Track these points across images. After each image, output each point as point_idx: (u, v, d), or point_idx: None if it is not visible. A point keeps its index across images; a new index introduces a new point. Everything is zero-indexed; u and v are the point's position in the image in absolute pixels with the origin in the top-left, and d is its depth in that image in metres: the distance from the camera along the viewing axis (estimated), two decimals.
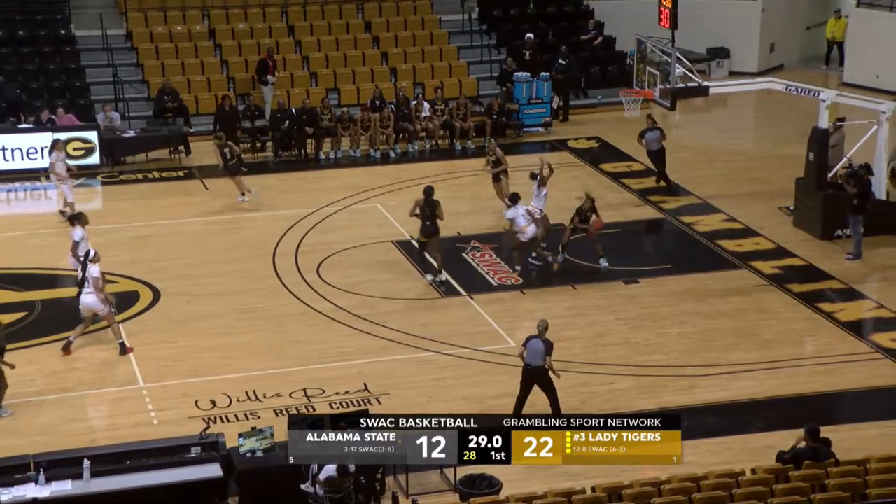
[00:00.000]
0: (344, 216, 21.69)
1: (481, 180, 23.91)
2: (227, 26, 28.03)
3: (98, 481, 12.27)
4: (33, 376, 15.61)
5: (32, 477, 12.22)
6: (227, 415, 14.68)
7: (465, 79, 27.93)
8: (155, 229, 21.03)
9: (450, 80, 27.72)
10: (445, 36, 29.04)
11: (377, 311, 17.63)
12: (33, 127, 23.82)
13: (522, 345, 14.42)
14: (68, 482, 12.20)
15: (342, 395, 15.19)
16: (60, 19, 27.28)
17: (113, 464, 12.47)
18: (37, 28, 26.82)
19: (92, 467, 12.29)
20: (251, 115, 25.19)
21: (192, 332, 16.98)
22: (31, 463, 12.34)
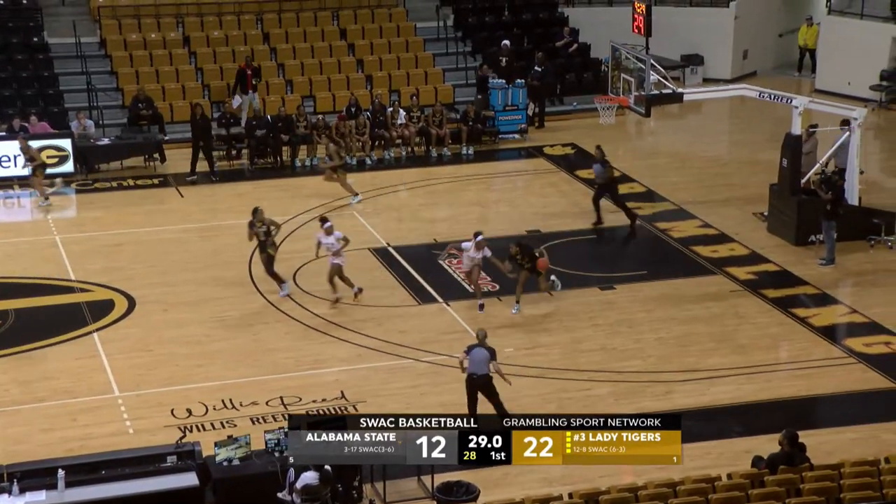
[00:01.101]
0: (317, 224, 21.59)
1: (457, 187, 23.98)
2: (202, 34, 27.94)
3: (73, 491, 12.18)
4: (7, 385, 15.51)
5: (6, 487, 12.13)
6: (204, 423, 14.61)
7: (440, 86, 27.96)
8: (130, 237, 20.92)
9: (425, 87, 27.75)
10: (421, 43, 29.06)
11: (353, 319, 17.61)
12: (5, 135, 23.64)
13: (465, 353, 14.29)
14: (42, 492, 12.11)
15: (319, 403, 15.14)
16: (33, 27, 27.13)
17: (88, 473, 12.38)
18: (9, 35, 26.66)
19: (67, 477, 12.20)
20: (226, 123, 25.08)
21: (168, 340, 16.90)
22: (4, 474, 12.24)
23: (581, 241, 21.00)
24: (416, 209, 22.86)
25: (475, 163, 25.36)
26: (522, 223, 21.75)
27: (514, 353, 16.65)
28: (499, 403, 14.18)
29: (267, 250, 18.12)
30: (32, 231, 21.28)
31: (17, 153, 23.23)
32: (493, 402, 14.19)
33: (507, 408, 14.78)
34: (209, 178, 23.61)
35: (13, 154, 23.24)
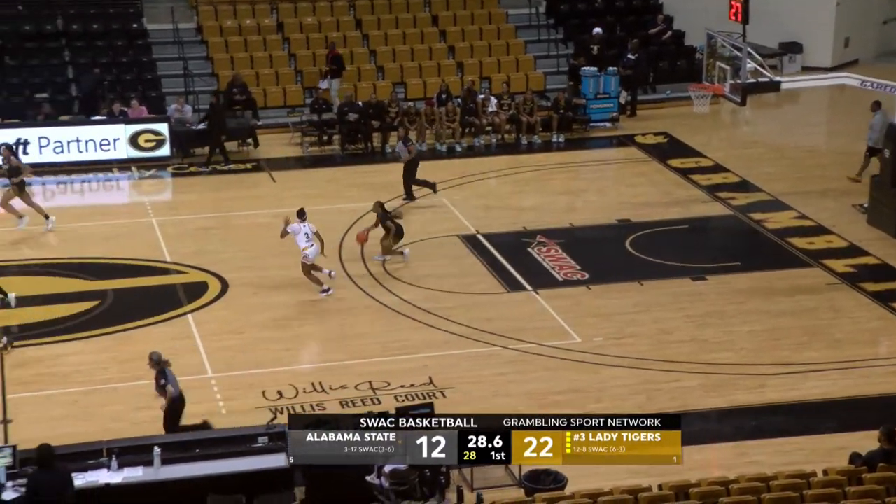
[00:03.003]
0: (410, 210, 21.70)
1: (546, 175, 23.86)
2: (296, 20, 28.21)
3: (168, 469, 12.40)
4: (105, 364, 15.85)
5: (105, 463, 12.40)
6: (294, 405, 14.78)
7: (531, 73, 27.82)
8: (222, 221, 21.24)
9: (516, 74, 27.63)
10: (512, 30, 28.94)
11: (442, 305, 17.63)
12: (106, 119, 24.21)
13: (161, 381, 13.61)
14: (139, 469, 12.36)
15: (407, 388, 15.20)
16: (133, 13, 27.67)
17: (182, 451, 12.60)
18: (110, 22, 27.22)
19: (162, 455, 12.43)
20: (318, 109, 25.34)
21: (259, 323, 17.11)
22: (104, 449, 12.53)
23: (672, 230, 20.71)
24: (505, 197, 22.79)
25: (565, 151, 25.19)
26: (611, 212, 21.56)
27: (602, 342, 16.52)
28: None
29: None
30: (130, 213, 21.74)
31: (117, 136, 23.77)
32: None
33: (597, 397, 14.72)
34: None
35: (113, 137, 23.76)
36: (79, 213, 21.76)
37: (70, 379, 15.41)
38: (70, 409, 14.62)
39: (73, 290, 17.99)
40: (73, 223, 20.95)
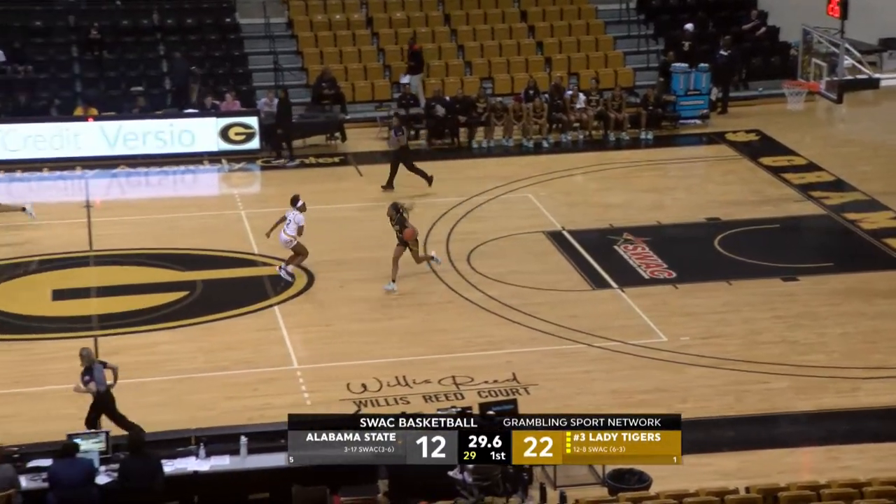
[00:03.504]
0: (495, 206, 21.67)
1: (634, 172, 23.61)
2: (385, 15, 28.34)
3: (254, 458, 12.53)
4: (194, 354, 16.09)
5: (194, 451, 12.58)
6: (378, 398, 14.83)
7: (620, 69, 27.55)
8: (309, 213, 21.23)
9: (605, 70, 27.39)
10: (602, 26, 28.69)
11: (526, 302, 17.54)
12: (198, 112, 24.60)
13: (86, 377, 13.26)
14: (227, 457, 12.52)
15: (490, 384, 15.16)
16: (226, 8, 28.08)
17: (268, 441, 12.72)
18: (203, 16, 27.66)
19: (248, 444, 12.57)
20: (406, 104, 25.42)
21: (344, 316, 17.21)
22: (192, 437, 12.72)
23: (763, 230, 20.33)
24: (592, 193, 22.61)
25: (653, 148, 24.90)
26: (700, 210, 21.24)
27: (688, 341, 16.28)
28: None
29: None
30: (219, 205, 22.05)
31: (208, 129, 24.11)
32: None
33: (683, 397, 14.52)
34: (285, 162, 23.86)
35: (204, 131, 24.11)
36: (170, 204, 22.14)
37: (161, 367, 15.68)
38: (161, 396, 14.87)
39: (164, 280, 18.30)
40: (164, 214, 21.33)
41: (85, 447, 12.08)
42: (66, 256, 19.12)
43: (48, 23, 26.86)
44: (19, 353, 15.91)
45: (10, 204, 20.38)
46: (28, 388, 14.90)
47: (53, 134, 23.51)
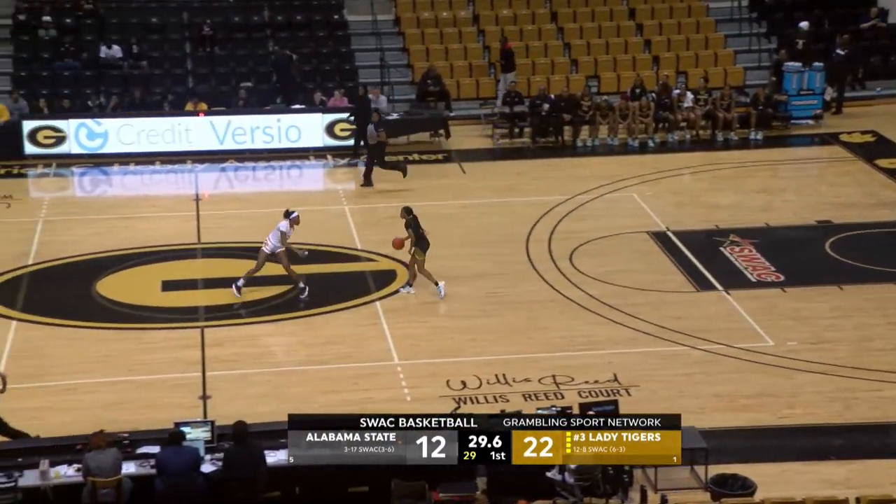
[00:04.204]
0: (598, 205, 21.47)
1: (742, 173, 23.17)
2: (492, 12, 28.32)
3: None
4: (295, 347, 16.27)
5: None
6: (477, 396, 14.80)
7: (731, 68, 27.05)
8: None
9: (715, 69, 26.94)
10: (713, 24, 28.22)
11: (629, 302, 17.32)
12: (305, 108, 24.91)
13: None
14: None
15: (591, 385, 15.00)
16: (335, 5, 28.39)
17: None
18: (312, 13, 28.00)
19: None
20: (510, 102, 25.36)
21: (444, 313, 17.22)
22: None
23: (878, 234, 19.72)
24: (698, 194, 22.24)
25: (763, 148, 24.40)
26: (811, 213, 20.74)
27: (796, 346, 15.89)
28: None
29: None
30: (323, 201, 22.28)
31: (314, 125, 24.38)
32: None
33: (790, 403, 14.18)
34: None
35: (310, 126, 24.39)
36: (276, 199, 22.42)
37: (263, 360, 15.89)
38: (263, 388, 15.06)
39: (270, 273, 18.53)
40: (270, 209, 21.55)
41: (191, 436, 12.31)
42: (176, 248, 19.53)
43: (163, 20, 27.51)
44: (130, 341, 16.31)
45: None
46: (138, 377, 15.25)
47: (165, 128, 24.06)
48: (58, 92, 25.10)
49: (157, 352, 15.99)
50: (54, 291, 17.76)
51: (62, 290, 17.82)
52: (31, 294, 17.57)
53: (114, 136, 23.97)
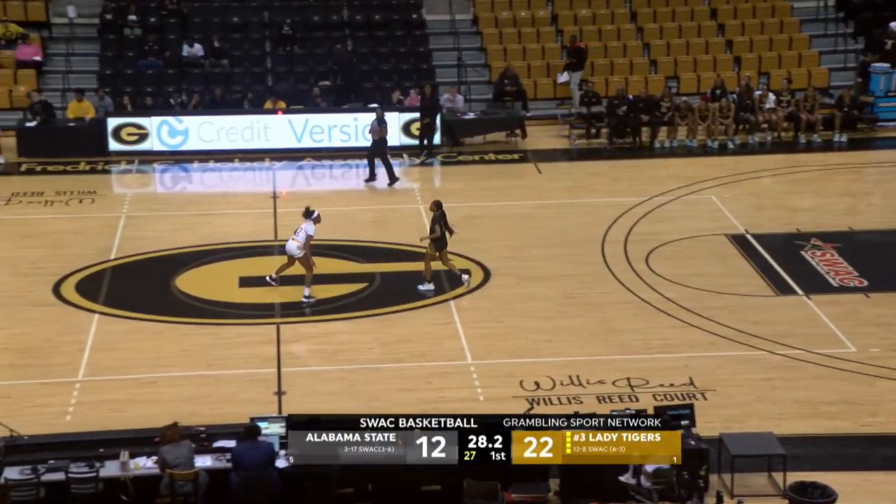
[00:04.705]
0: (676, 206, 21.22)
1: (825, 176, 22.74)
2: (570, 12, 28.17)
3: None
4: (370, 345, 16.31)
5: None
6: (550, 397, 14.71)
7: (815, 69, 26.57)
8: (487, 210, 21.45)
9: (798, 70, 26.50)
10: (797, 24, 27.75)
11: (706, 305, 17.09)
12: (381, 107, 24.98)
13: None
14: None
15: (666, 388, 14.82)
16: (413, 4, 28.48)
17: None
18: (391, 12, 28.12)
19: None
20: (587, 102, 25.20)
21: (519, 313, 17.14)
22: None
23: None
24: (779, 196, 21.87)
25: (847, 151, 23.94)
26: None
27: (879, 353, 15.53)
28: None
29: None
30: (399, 199, 22.34)
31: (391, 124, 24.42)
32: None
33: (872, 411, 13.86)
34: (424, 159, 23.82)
35: None
36: (352, 197, 22.60)
37: (337, 357, 15.98)
38: (336, 385, 15.15)
39: (345, 271, 18.66)
40: (346, 207, 21.77)
41: (267, 431, 12.42)
42: (253, 245, 19.74)
43: (244, 19, 27.85)
44: (208, 336, 16.52)
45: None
46: (215, 371, 15.43)
47: (244, 126, 24.35)
48: (141, 90, 25.56)
49: (233, 347, 16.18)
50: (135, 286, 18.07)
51: (142, 284, 18.13)
52: (112, 288, 17.90)
53: (194, 133, 24.34)
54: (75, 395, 14.66)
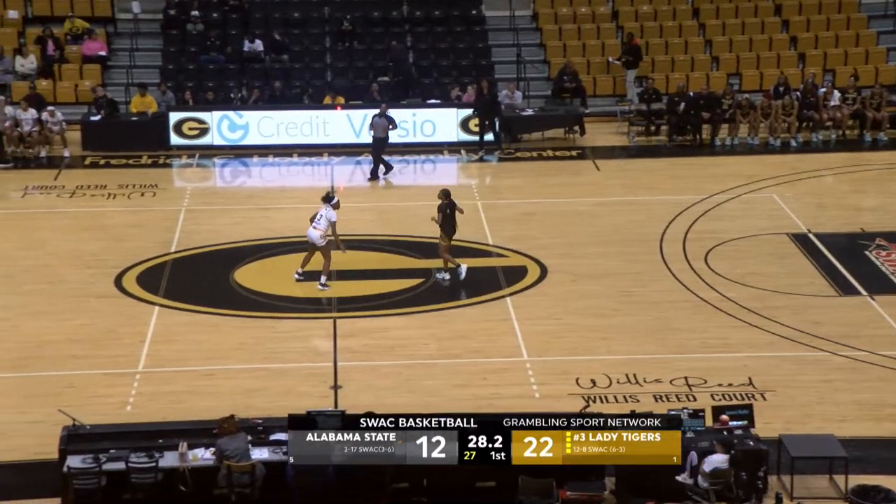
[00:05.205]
0: (736, 205, 20.98)
1: (891, 175, 22.34)
2: (631, 8, 27.95)
3: None
4: (426, 340, 16.32)
5: None
6: (607, 395, 14.61)
7: (882, 66, 26.14)
8: (544, 207, 21.37)
9: (865, 67, 26.07)
10: (864, 20, 27.29)
11: (766, 305, 16.87)
12: (439, 102, 25.03)
13: None
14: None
15: (725, 388, 14.65)
16: (473, 0, 28.41)
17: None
18: (450, 8, 28.10)
19: None
20: (647, 99, 24.99)
21: (575, 311, 17.05)
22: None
23: None
24: (842, 196, 21.53)
25: None
26: None
27: None
28: None
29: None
30: (456, 195, 22.06)
31: (449, 120, 24.43)
32: None
33: None
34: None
35: (445, 121, 24.45)
36: (409, 192, 22.63)
37: (394, 352, 16.00)
38: (392, 380, 15.17)
39: (402, 266, 18.69)
40: (403, 202, 21.82)
41: None
42: None
43: (304, 15, 28.01)
44: (266, 329, 16.64)
45: None
46: (272, 365, 15.54)
47: (304, 121, 24.49)
48: (202, 84, 25.82)
49: (290, 341, 16.28)
50: (194, 279, 18.26)
51: (201, 277, 18.31)
52: (172, 281, 18.10)
53: (254, 128, 24.53)
54: (135, 385, 14.85)
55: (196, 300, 17.36)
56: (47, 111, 23.94)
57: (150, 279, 18.11)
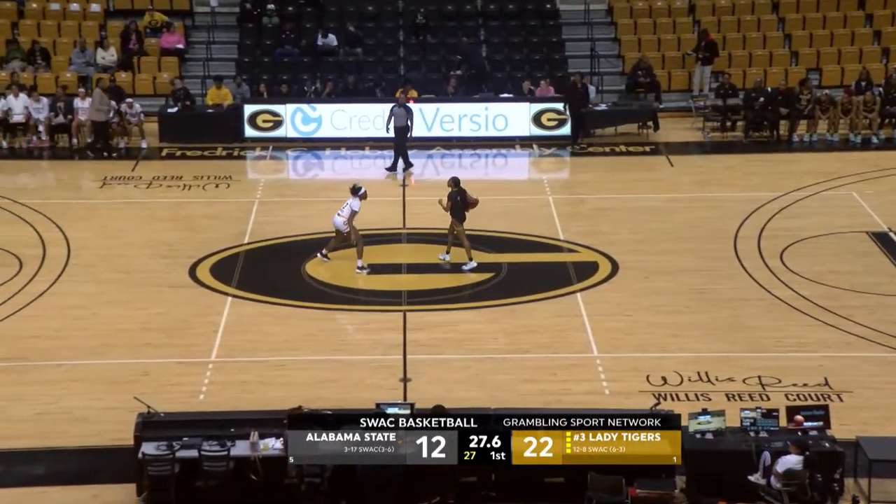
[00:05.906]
0: (813, 202, 20.60)
1: None
2: (708, 2, 27.59)
3: None
4: (495, 335, 16.27)
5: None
6: (678, 393, 14.45)
7: None
8: (616, 202, 21.20)
9: None
10: None
11: (843, 304, 16.55)
12: (512, 97, 24.95)
13: None
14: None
15: (799, 388, 14.39)
16: None
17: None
18: (525, 2, 27.97)
19: None
20: (723, 94, 24.64)
21: (646, 307, 16.88)
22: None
23: None
24: None
25: None
26: None
27: None
28: None
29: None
30: (527, 190, 22.27)
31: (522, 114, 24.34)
32: None
33: None
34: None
35: (517, 116, 24.36)
36: (481, 187, 22.41)
37: (463, 346, 15.99)
38: (463, 374, 15.17)
39: None
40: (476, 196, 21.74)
41: None
42: (382, 232, 19.92)
43: (378, 8, 28.10)
44: (336, 321, 16.74)
45: None
46: (343, 357, 15.63)
47: (376, 115, 24.55)
48: (277, 77, 26.05)
49: (360, 333, 16.35)
50: (266, 270, 18.44)
51: (273, 269, 18.48)
52: (245, 272, 18.30)
53: (327, 121, 24.68)
54: (208, 374, 15.04)
55: (268, 291, 17.52)
56: (126, 103, 24.35)
57: (224, 270, 18.32)
